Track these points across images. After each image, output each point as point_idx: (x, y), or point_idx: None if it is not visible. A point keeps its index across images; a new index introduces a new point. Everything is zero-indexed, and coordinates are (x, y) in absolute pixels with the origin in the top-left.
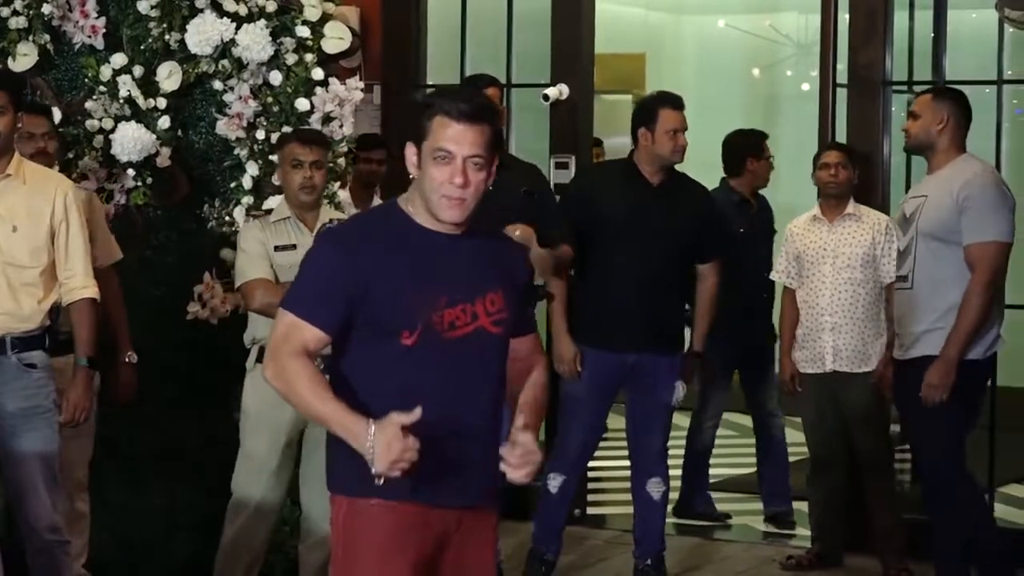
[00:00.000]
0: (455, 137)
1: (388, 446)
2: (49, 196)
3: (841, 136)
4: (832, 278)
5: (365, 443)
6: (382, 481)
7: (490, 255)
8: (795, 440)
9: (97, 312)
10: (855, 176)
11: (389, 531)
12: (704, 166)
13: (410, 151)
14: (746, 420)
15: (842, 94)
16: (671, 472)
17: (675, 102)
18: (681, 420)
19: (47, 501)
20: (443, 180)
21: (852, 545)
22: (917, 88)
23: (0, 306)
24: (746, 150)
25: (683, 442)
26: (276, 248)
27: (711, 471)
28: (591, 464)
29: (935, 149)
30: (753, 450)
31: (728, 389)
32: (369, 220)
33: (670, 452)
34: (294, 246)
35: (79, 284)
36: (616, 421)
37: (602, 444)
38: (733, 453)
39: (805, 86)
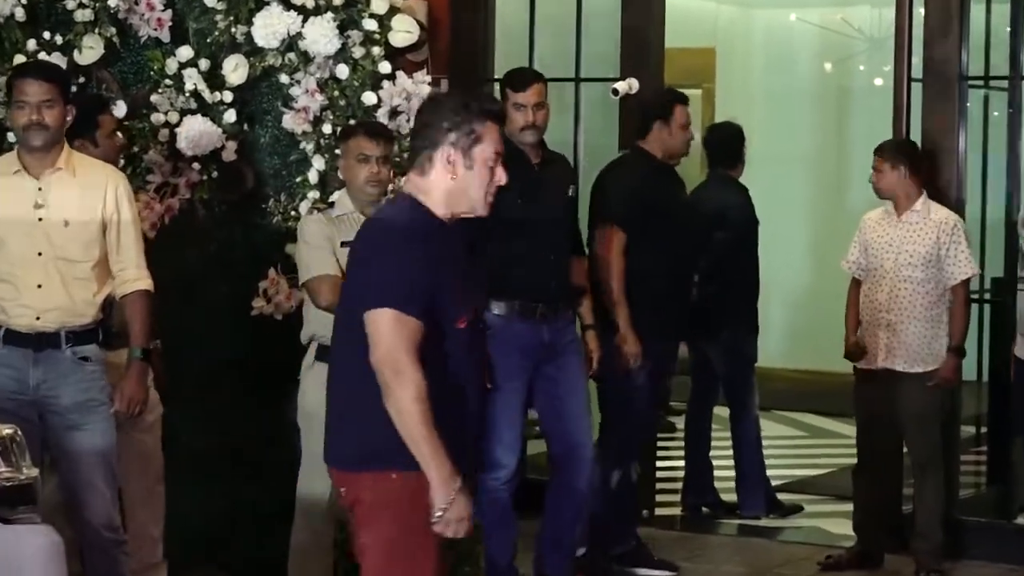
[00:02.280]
0: (499, 139)
1: (463, 519)
2: (100, 189)
3: (916, 131)
4: (893, 274)
5: (448, 495)
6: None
7: (465, 240)
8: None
9: (151, 304)
10: (906, 173)
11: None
12: (776, 159)
13: (455, 156)
14: (813, 419)
15: (916, 89)
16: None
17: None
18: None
19: (106, 496)
20: (494, 180)
21: (895, 546)
22: (993, 83)
23: (54, 301)
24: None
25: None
26: (343, 244)
27: (780, 472)
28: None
29: None
30: (819, 451)
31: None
32: (416, 216)
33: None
34: None
35: (132, 276)
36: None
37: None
38: (800, 455)
39: (878, 81)
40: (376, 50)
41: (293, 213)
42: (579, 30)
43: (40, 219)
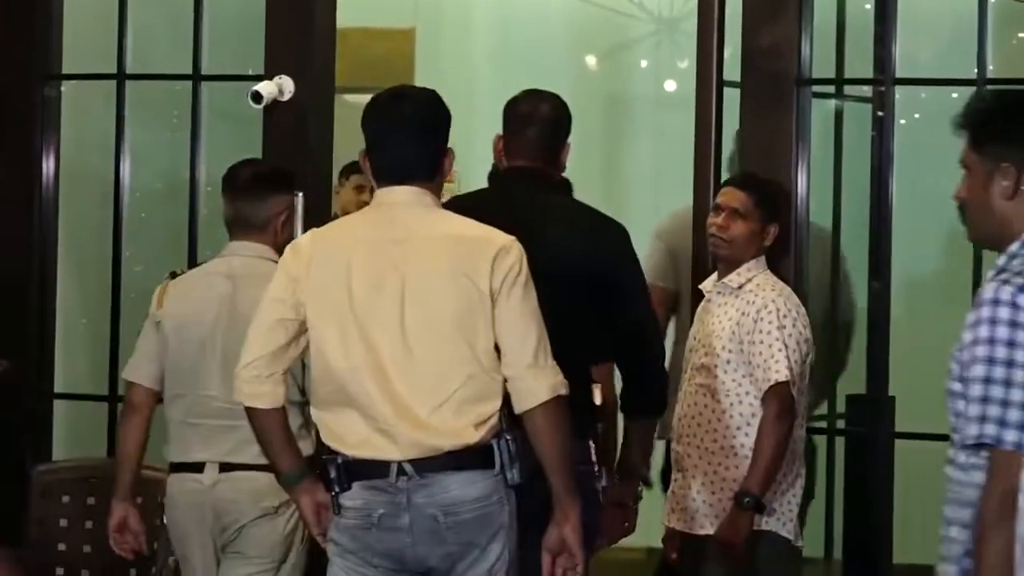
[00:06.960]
0: None
1: None
2: None
3: (726, 155)
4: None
5: None
6: None
7: None
8: None
9: None
10: (769, 229)
11: None
12: None
13: None
14: None
15: (731, 96)
16: None
17: None
18: None
19: None
20: None
21: None
22: (848, 89)
23: None
24: None
25: None
26: None
27: None
28: None
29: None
30: None
31: None
32: None
33: None
34: None
35: None
36: None
37: None
38: None
39: (669, 84)
40: None
41: None
42: (199, 6)
43: None
